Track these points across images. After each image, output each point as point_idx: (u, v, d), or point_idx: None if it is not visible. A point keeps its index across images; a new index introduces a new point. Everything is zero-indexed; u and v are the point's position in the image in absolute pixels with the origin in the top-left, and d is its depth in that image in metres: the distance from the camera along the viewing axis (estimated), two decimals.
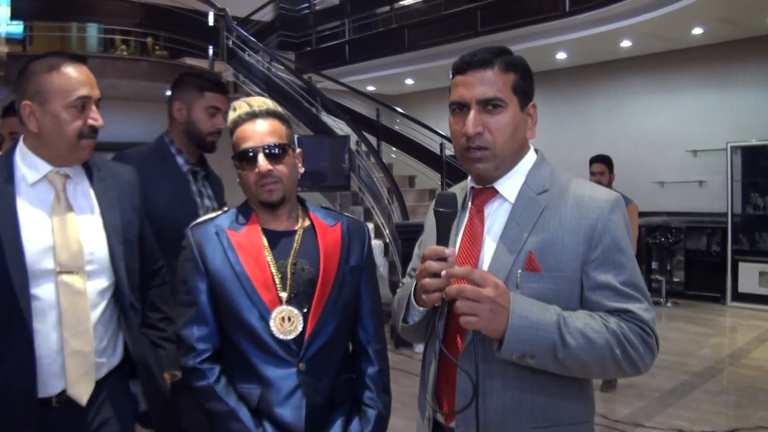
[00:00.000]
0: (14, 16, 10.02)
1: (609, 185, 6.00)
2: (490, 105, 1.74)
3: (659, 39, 9.99)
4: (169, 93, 3.01)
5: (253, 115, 2.09)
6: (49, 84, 2.05)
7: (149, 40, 10.92)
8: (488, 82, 1.74)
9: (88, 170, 2.22)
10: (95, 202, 2.17)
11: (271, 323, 2.00)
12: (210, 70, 10.97)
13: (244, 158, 2.06)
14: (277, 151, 2.06)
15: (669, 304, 9.59)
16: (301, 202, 2.24)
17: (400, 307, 1.91)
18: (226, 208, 2.21)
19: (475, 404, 1.69)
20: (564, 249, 1.71)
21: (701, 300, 9.78)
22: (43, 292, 1.99)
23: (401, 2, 13.05)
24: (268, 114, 2.11)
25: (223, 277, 2.05)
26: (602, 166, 6.17)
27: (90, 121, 2.08)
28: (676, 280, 10.20)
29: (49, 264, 2.00)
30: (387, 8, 13.17)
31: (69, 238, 2.04)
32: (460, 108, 1.78)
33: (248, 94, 10.93)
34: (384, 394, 2.19)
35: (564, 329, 1.61)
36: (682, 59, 10.68)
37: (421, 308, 1.79)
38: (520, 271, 1.71)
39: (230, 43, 11.34)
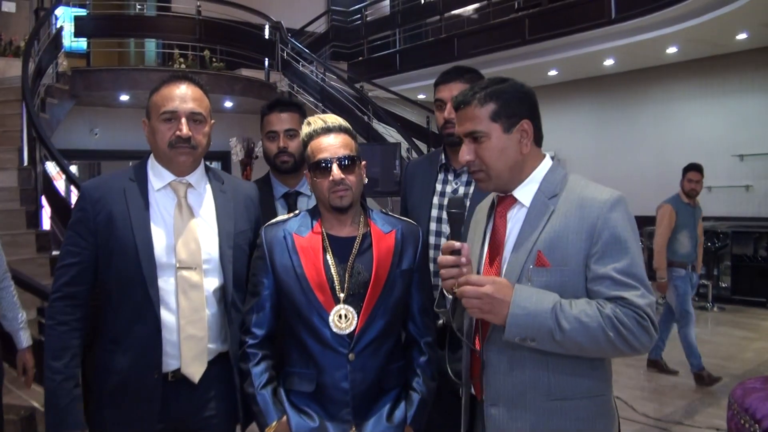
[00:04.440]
0: (78, 34, 10.50)
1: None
2: (473, 137, 2.05)
3: (705, 44, 10.04)
4: None
5: (327, 130, 2.36)
6: (151, 102, 2.40)
7: (206, 53, 11.30)
8: (469, 118, 2.05)
9: (212, 182, 2.53)
10: (214, 210, 2.48)
11: (330, 319, 2.29)
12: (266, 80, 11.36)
13: (319, 168, 2.32)
14: (348, 162, 2.32)
15: (715, 309, 9.58)
16: (364, 208, 2.47)
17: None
18: (298, 211, 2.49)
19: (480, 372, 2.05)
20: (568, 245, 1.95)
21: (747, 305, 9.74)
22: (166, 284, 2.33)
23: (451, 12, 13.24)
24: (341, 129, 2.38)
25: (287, 277, 2.34)
26: (698, 175, 6.64)
27: (176, 132, 2.32)
28: (723, 285, 10.16)
29: (170, 260, 2.33)
30: (437, 18, 13.31)
31: (188, 238, 2.36)
32: (461, 140, 2.12)
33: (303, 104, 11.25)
34: (430, 380, 2.45)
35: (560, 315, 1.87)
36: (727, 64, 10.71)
37: (449, 295, 2.11)
38: (531, 266, 1.97)
39: (285, 54, 11.68)
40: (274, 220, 2.48)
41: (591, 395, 2.00)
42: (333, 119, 2.41)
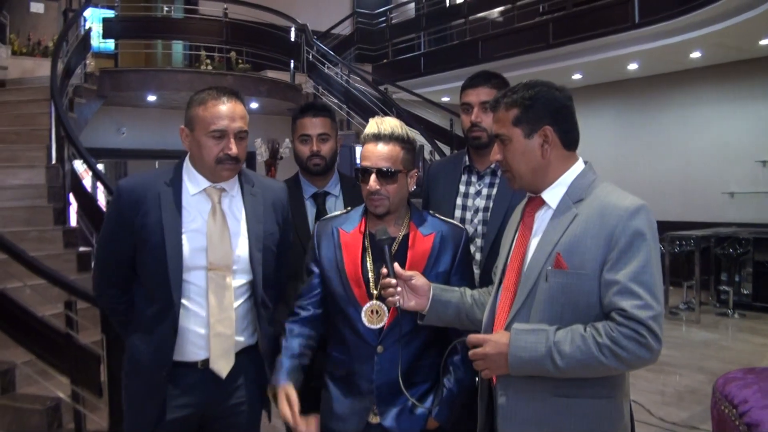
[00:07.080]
0: (106, 35, 10.69)
1: None
2: (499, 139, 2.15)
3: (728, 49, 10.02)
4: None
5: (377, 137, 2.43)
6: (197, 116, 2.47)
7: (232, 54, 11.43)
8: (496, 121, 2.17)
9: (244, 186, 2.64)
10: (244, 213, 2.60)
11: (362, 314, 2.42)
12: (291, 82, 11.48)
13: (360, 173, 2.44)
14: (387, 174, 2.39)
15: (736, 316, 9.42)
16: (411, 209, 2.56)
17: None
18: (349, 208, 2.63)
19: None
20: (586, 251, 2.00)
21: None
22: (197, 282, 2.47)
23: (476, 15, 13.28)
24: (391, 138, 2.43)
25: (330, 269, 2.51)
26: None
27: (225, 150, 2.44)
28: (744, 291, 9.95)
29: (201, 261, 2.46)
30: (461, 21, 13.36)
31: (221, 241, 2.49)
32: (485, 143, 2.28)
33: None
34: (462, 378, 2.50)
35: (555, 357, 1.93)
36: (751, 69, 10.67)
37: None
38: (550, 267, 2.03)
39: (310, 56, 11.80)
40: (327, 216, 2.67)
41: (597, 396, 2.04)
42: (386, 126, 2.45)
